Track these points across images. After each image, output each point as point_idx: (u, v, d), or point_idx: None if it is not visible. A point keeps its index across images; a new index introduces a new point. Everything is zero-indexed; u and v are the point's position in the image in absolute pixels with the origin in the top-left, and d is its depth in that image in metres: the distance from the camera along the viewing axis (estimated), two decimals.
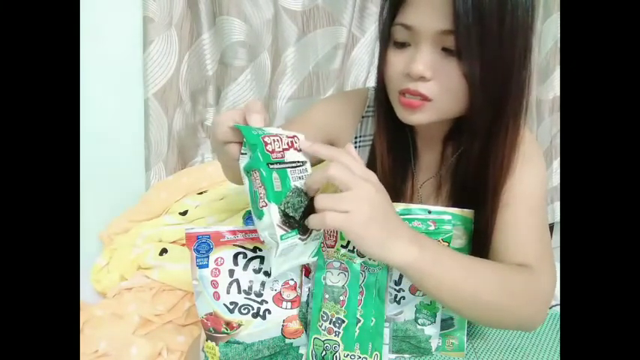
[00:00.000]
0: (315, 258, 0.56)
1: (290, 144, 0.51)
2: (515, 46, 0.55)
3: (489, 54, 0.53)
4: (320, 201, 0.48)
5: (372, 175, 0.51)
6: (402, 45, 0.58)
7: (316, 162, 0.79)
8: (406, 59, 0.57)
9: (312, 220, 0.49)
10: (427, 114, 0.59)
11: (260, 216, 0.49)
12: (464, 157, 0.65)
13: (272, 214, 0.47)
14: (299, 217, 0.50)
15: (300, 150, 0.52)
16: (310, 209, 0.50)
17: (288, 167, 0.50)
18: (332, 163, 0.48)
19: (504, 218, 0.62)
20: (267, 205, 0.48)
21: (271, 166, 0.48)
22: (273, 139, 0.49)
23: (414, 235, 0.52)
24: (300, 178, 0.51)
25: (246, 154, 0.49)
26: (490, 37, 0.53)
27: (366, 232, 0.48)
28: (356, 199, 0.47)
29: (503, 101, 0.58)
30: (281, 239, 0.48)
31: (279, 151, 0.49)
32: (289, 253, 0.51)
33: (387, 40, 0.60)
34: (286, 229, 0.48)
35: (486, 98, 0.56)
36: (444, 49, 0.55)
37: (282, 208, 0.48)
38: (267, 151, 0.48)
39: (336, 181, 0.48)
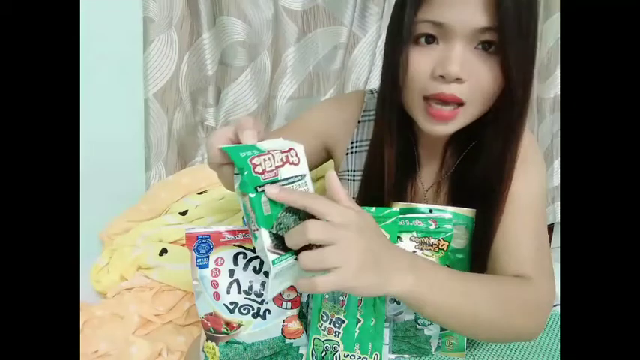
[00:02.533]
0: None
1: (285, 159, 0.48)
2: (536, 42, 0.55)
3: (526, 51, 0.53)
4: (305, 262, 0.44)
5: (351, 215, 0.46)
6: (427, 43, 0.55)
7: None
8: (434, 59, 0.54)
9: (303, 287, 0.45)
10: (457, 123, 0.57)
11: (255, 238, 0.48)
12: (465, 164, 0.64)
13: (263, 238, 0.46)
14: None
15: (297, 164, 0.49)
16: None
17: (283, 185, 0.48)
18: (308, 223, 0.44)
19: (504, 224, 0.61)
20: (257, 229, 0.46)
21: (260, 189, 0.46)
22: (264, 159, 0.46)
23: (409, 262, 0.50)
24: None
25: (238, 174, 0.47)
26: (526, 33, 0.52)
27: (360, 281, 0.45)
28: (342, 252, 0.44)
29: (527, 99, 0.57)
30: (273, 264, 0.46)
31: (271, 170, 0.47)
32: (285, 274, 0.48)
33: (407, 38, 0.55)
34: (279, 252, 0.46)
35: (522, 97, 0.56)
36: (477, 47, 0.53)
37: (274, 232, 0.46)
38: (257, 173, 0.46)
39: (317, 242, 0.44)
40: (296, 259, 0.47)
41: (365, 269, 0.45)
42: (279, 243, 0.46)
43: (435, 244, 0.60)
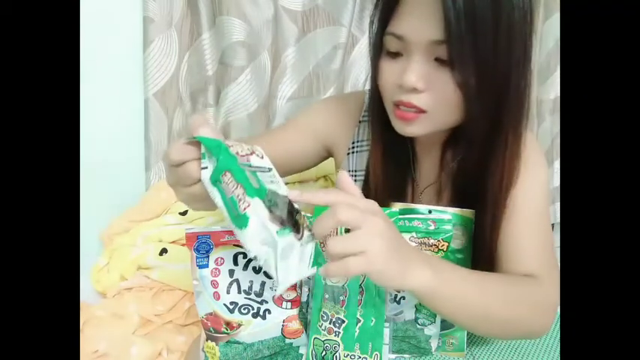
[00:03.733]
0: (315, 269, 0.51)
1: (250, 151, 0.48)
2: (512, 54, 0.53)
3: (484, 63, 0.52)
4: (334, 246, 0.45)
5: (375, 205, 0.48)
6: (394, 55, 0.57)
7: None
8: (399, 70, 0.56)
9: (335, 270, 0.46)
10: (422, 126, 0.58)
11: (245, 222, 0.44)
12: (463, 165, 0.64)
13: (258, 210, 0.44)
14: (286, 216, 0.46)
15: (262, 158, 0.49)
16: (292, 208, 0.47)
17: (257, 171, 0.47)
18: (338, 207, 0.45)
19: (508, 226, 0.62)
20: (249, 204, 0.44)
21: (242, 165, 0.45)
22: (234, 143, 0.47)
23: (424, 257, 0.51)
24: (271, 182, 0.48)
25: (207, 167, 0.46)
26: (484, 46, 0.51)
27: (386, 267, 0.46)
28: (369, 236, 0.45)
29: (500, 112, 0.56)
30: (278, 235, 0.44)
31: (244, 155, 0.47)
32: (290, 256, 0.46)
33: (379, 49, 0.58)
34: (278, 224, 0.45)
35: (482, 109, 0.55)
36: (437, 60, 0.54)
37: (267, 205, 0.45)
38: (232, 152, 0.45)
39: (346, 225, 0.46)
40: (295, 236, 0.46)
41: (390, 255, 0.46)
42: (275, 216, 0.45)
43: (435, 245, 0.60)
